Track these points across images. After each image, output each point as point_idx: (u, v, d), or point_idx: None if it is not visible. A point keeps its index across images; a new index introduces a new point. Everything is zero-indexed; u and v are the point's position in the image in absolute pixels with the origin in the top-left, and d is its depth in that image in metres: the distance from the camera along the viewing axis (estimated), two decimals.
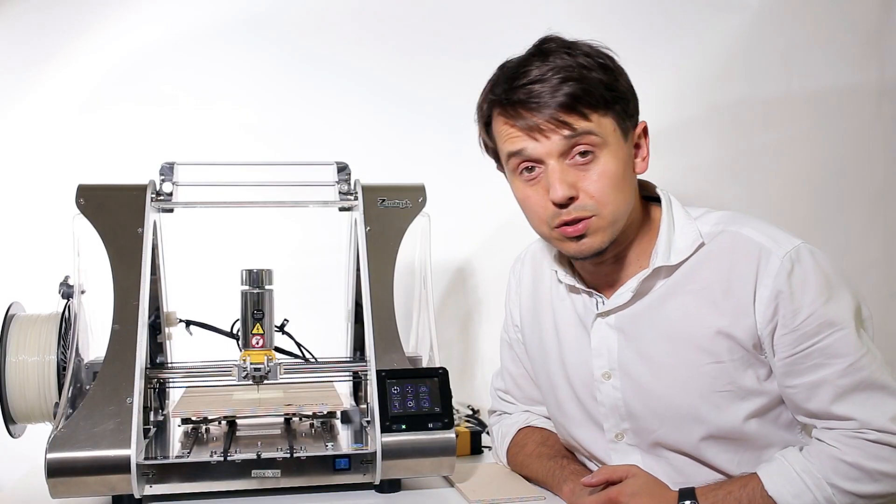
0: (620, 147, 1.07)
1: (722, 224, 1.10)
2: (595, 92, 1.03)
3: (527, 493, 1.18)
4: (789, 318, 1.03)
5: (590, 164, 1.05)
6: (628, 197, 1.09)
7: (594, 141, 1.04)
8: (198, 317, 1.37)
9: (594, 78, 1.04)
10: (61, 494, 1.08)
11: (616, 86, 1.06)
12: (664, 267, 1.10)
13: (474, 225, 1.82)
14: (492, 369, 1.82)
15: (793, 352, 1.03)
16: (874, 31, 1.82)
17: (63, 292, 1.22)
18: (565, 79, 1.03)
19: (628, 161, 1.09)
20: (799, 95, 1.82)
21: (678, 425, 1.10)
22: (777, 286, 1.03)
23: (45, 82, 1.67)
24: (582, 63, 1.04)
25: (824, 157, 1.82)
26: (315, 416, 1.30)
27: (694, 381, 1.08)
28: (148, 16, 1.70)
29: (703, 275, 1.09)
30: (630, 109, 1.08)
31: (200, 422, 1.27)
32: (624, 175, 1.07)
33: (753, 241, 1.06)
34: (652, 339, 1.11)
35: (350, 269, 1.43)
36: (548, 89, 1.03)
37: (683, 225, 1.12)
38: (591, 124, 1.04)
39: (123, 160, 1.61)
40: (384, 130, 1.78)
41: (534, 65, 1.06)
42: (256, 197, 1.34)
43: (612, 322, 1.14)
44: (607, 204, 1.06)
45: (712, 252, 1.09)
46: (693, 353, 1.08)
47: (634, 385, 1.12)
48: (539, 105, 1.03)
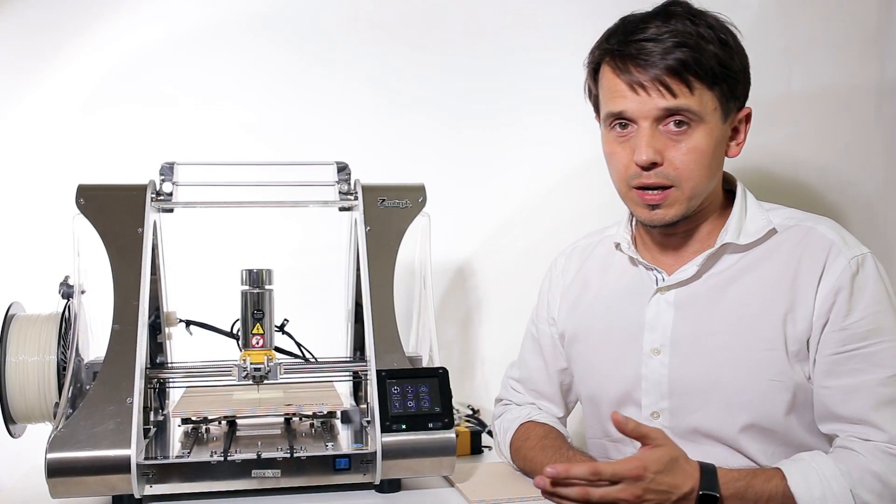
0: (717, 126, 1.08)
1: (795, 219, 1.13)
2: (706, 63, 1.04)
3: (527, 493, 1.18)
4: (841, 317, 1.04)
5: (682, 136, 1.06)
6: (712, 176, 1.10)
7: (691, 115, 1.05)
8: (198, 317, 1.37)
9: (709, 50, 1.04)
10: (61, 494, 1.08)
11: (730, 64, 1.06)
12: (731, 247, 1.12)
13: (474, 225, 1.82)
14: (492, 369, 1.83)
15: (837, 350, 1.04)
16: (874, 31, 1.82)
17: (63, 292, 1.22)
18: (680, 43, 1.04)
19: (721, 141, 1.10)
20: (799, 95, 1.82)
21: (722, 409, 1.09)
22: (839, 283, 1.05)
23: (46, 82, 1.67)
24: (701, 33, 1.05)
25: (824, 157, 1.82)
26: (315, 416, 1.30)
27: (747, 365, 1.08)
28: (148, 16, 1.70)
29: (773, 263, 1.10)
30: (737, 91, 1.09)
31: (200, 422, 1.27)
32: (713, 154, 1.08)
33: (826, 237, 1.08)
34: (710, 319, 1.11)
35: (350, 269, 1.43)
36: (660, 49, 1.04)
37: (755, 213, 1.14)
38: (693, 97, 1.05)
39: (123, 160, 1.61)
40: (384, 130, 1.78)
41: (653, 23, 1.06)
42: (256, 197, 1.34)
43: (671, 298, 1.15)
44: (689, 179, 1.07)
45: (784, 242, 1.11)
46: (751, 338, 1.08)
47: (684, 363, 1.12)
48: (648, 63, 1.05)
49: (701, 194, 1.10)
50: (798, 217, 1.13)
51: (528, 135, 1.82)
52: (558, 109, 1.80)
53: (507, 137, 1.82)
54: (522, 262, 1.83)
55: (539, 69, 1.81)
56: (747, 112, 1.13)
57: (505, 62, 1.81)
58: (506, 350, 1.84)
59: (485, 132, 1.82)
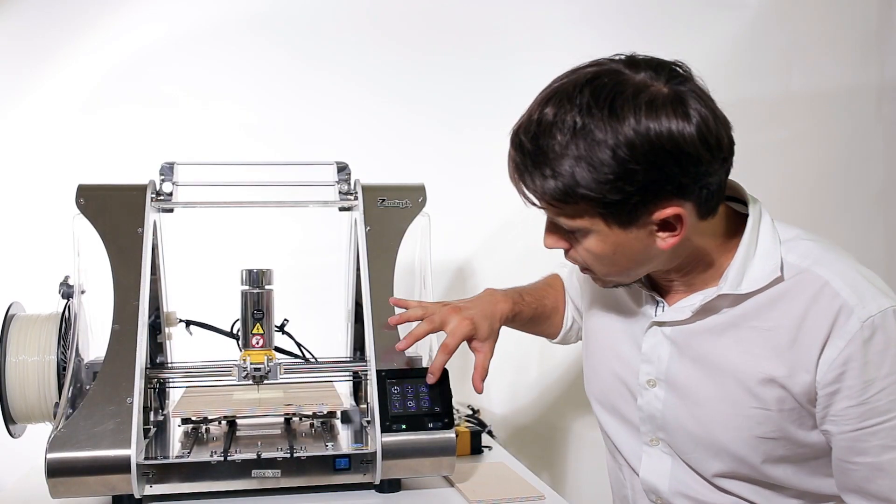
0: (612, 232, 0.96)
1: (809, 260, 0.99)
2: (563, 188, 0.92)
3: (527, 492, 1.18)
4: (859, 390, 0.94)
5: (576, 236, 1.00)
6: (624, 267, 1.01)
7: (569, 231, 0.99)
8: (198, 317, 1.37)
9: (564, 172, 0.92)
10: (61, 494, 1.08)
11: (596, 183, 0.90)
12: (732, 295, 1.01)
13: (474, 225, 1.82)
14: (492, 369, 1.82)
15: (859, 426, 0.95)
16: (874, 31, 1.82)
17: (63, 292, 1.22)
18: (536, 165, 0.94)
19: (630, 241, 0.97)
20: (799, 95, 1.82)
21: (714, 456, 1.05)
22: (850, 352, 0.93)
23: (46, 82, 1.67)
24: (557, 152, 0.92)
25: (824, 157, 1.82)
26: (315, 416, 1.30)
27: (738, 420, 1.02)
28: (148, 15, 1.70)
29: (774, 315, 0.99)
30: (629, 203, 0.92)
31: (200, 422, 1.27)
32: (615, 253, 0.98)
33: (838, 294, 0.95)
34: (705, 364, 1.04)
35: (350, 269, 1.43)
36: (526, 167, 0.95)
37: (767, 250, 1.00)
38: (562, 214, 0.96)
39: (123, 160, 1.61)
40: (384, 130, 1.78)
41: (542, 115, 0.96)
42: (256, 197, 1.34)
43: (668, 333, 1.07)
44: (594, 270, 1.04)
45: (789, 292, 0.98)
46: (741, 393, 1.01)
47: (678, 401, 1.07)
48: (519, 178, 0.98)
49: (622, 277, 1.03)
50: (814, 256, 0.99)
51: None
52: None
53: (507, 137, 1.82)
54: (522, 262, 1.83)
55: (539, 69, 1.80)
56: (671, 213, 0.93)
57: (505, 62, 1.81)
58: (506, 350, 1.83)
59: (485, 132, 1.81)
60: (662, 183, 0.91)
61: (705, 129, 0.91)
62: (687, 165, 0.91)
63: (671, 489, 1.11)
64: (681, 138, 0.90)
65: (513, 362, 1.87)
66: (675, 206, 0.93)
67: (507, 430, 1.88)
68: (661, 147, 0.89)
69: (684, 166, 0.91)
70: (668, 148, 0.90)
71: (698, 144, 0.91)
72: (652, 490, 1.13)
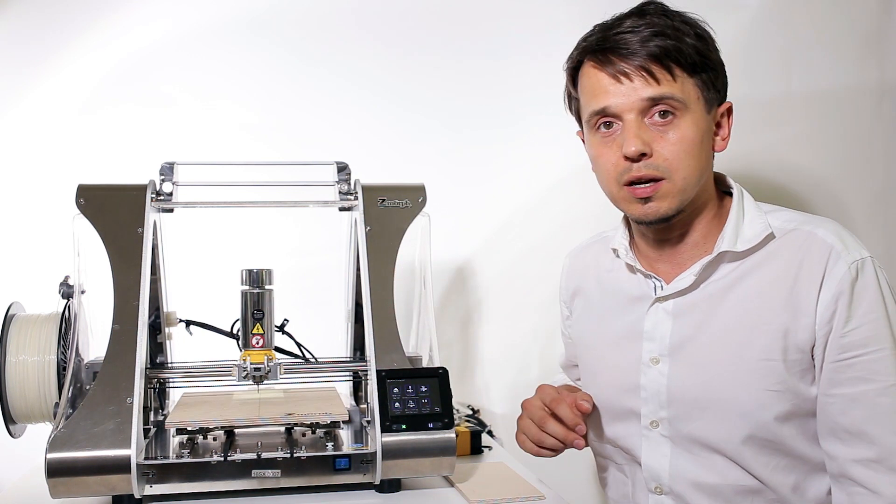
0: (702, 116, 1.07)
1: (795, 222, 1.09)
2: (686, 51, 1.05)
3: (527, 492, 1.18)
4: (841, 324, 1.02)
5: (668, 126, 1.06)
6: (702, 167, 1.08)
7: (676, 103, 1.05)
8: (198, 317, 1.37)
9: (687, 41, 1.05)
10: (61, 494, 1.08)
11: (708, 54, 1.07)
12: (729, 254, 1.09)
13: (474, 225, 1.82)
14: (492, 369, 1.83)
15: (837, 358, 1.03)
16: (874, 31, 1.82)
17: (63, 292, 1.22)
18: (658, 33, 1.05)
19: (707, 132, 1.09)
20: (799, 95, 1.82)
21: (720, 419, 1.08)
22: (840, 289, 1.02)
23: (45, 82, 1.67)
24: (677, 26, 1.06)
25: (824, 156, 1.82)
26: (318, 426, 1.28)
27: (744, 375, 1.06)
28: (148, 16, 1.70)
29: (771, 270, 1.07)
30: (718, 83, 1.09)
31: (196, 433, 1.24)
32: (701, 144, 1.07)
33: (826, 242, 1.05)
34: (708, 328, 1.10)
35: (350, 269, 1.43)
36: (639, 39, 1.05)
37: (753, 216, 1.11)
38: (676, 85, 1.05)
39: (123, 160, 1.61)
40: (384, 130, 1.78)
41: (629, 19, 1.08)
42: (256, 197, 1.34)
43: (670, 308, 1.13)
44: (679, 169, 1.06)
45: (782, 247, 1.08)
46: (748, 348, 1.06)
47: (682, 372, 1.11)
48: (629, 52, 1.05)
49: (692, 186, 1.08)
50: (798, 220, 1.10)
51: (527, 135, 1.82)
52: (558, 109, 1.79)
53: (507, 137, 1.82)
54: (522, 262, 1.83)
55: (539, 69, 1.80)
56: (728, 106, 1.12)
57: (505, 62, 1.81)
58: (506, 350, 1.85)
59: (485, 132, 1.82)
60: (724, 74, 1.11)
61: None
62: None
63: (672, 474, 1.12)
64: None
65: (513, 362, 1.88)
66: (728, 102, 1.12)
67: (507, 430, 1.88)
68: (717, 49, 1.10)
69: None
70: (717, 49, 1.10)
71: None
72: (654, 478, 1.14)
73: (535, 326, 1.83)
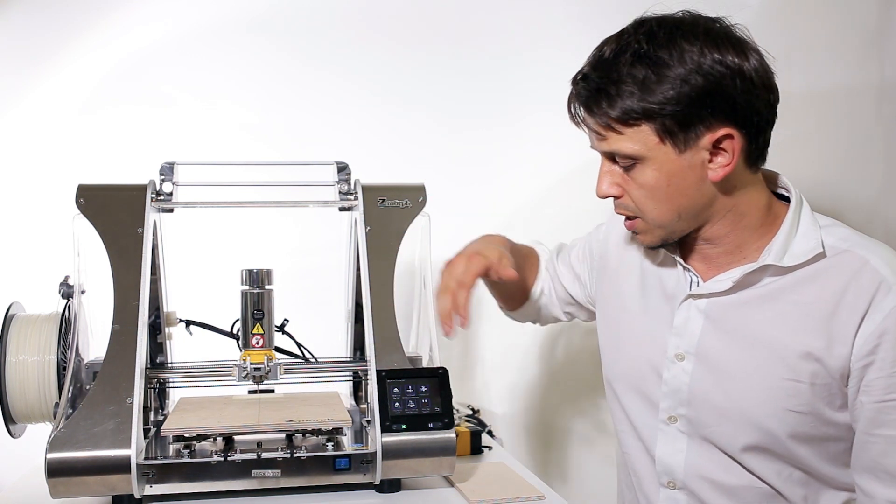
0: (668, 159, 1.01)
1: (849, 242, 1.04)
2: (630, 107, 0.99)
3: (527, 492, 1.18)
4: (890, 363, 0.98)
5: (632, 172, 1.04)
6: (676, 206, 1.04)
7: (627, 157, 1.03)
8: (198, 317, 1.37)
9: (625, 92, 0.99)
10: (61, 494, 1.08)
11: (657, 98, 0.98)
12: (774, 267, 1.05)
13: (474, 225, 1.82)
14: (492, 369, 1.83)
15: (884, 398, 0.99)
16: (874, 31, 1.82)
17: (63, 292, 1.22)
18: (598, 90, 1.01)
19: (683, 170, 1.01)
20: (799, 95, 1.82)
21: (738, 428, 1.06)
22: (885, 325, 0.98)
23: (46, 82, 1.67)
24: (620, 75, 0.99)
25: (824, 156, 1.82)
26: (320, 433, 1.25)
27: (768, 390, 1.04)
28: (148, 16, 1.70)
29: (814, 289, 1.03)
30: (691, 118, 0.98)
31: (193, 439, 1.21)
32: (668, 187, 1.02)
33: (878, 272, 0.99)
34: (739, 337, 1.07)
35: (350, 269, 1.43)
36: (585, 94, 1.03)
37: (808, 230, 1.06)
38: (623, 139, 1.01)
39: (123, 160, 1.62)
40: (384, 130, 1.78)
41: (588, 66, 1.05)
42: (256, 197, 1.34)
43: (703, 306, 1.10)
44: (647, 211, 1.06)
45: (831, 269, 1.03)
46: (775, 364, 1.04)
47: (707, 375, 1.09)
48: (579, 105, 1.06)
49: (669, 223, 1.05)
50: (853, 241, 1.04)
51: (528, 135, 1.82)
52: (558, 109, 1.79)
53: (507, 137, 1.82)
54: None
55: (539, 69, 1.81)
56: (724, 133, 1.00)
57: (505, 62, 1.81)
58: (506, 350, 1.85)
59: (485, 132, 1.82)
60: (719, 99, 0.98)
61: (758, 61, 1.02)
62: (742, 86, 0.99)
63: (687, 470, 1.12)
64: (740, 63, 0.99)
65: (513, 362, 1.88)
66: (728, 127, 1.00)
67: (507, 430, 1.88)
68: (723, 64, 0.98)
69: (739, 86, 0.99)
70: (729, 64, 0.98)
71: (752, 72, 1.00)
72: (667, 472, 1.14)
73: (535, 326, 1.83)
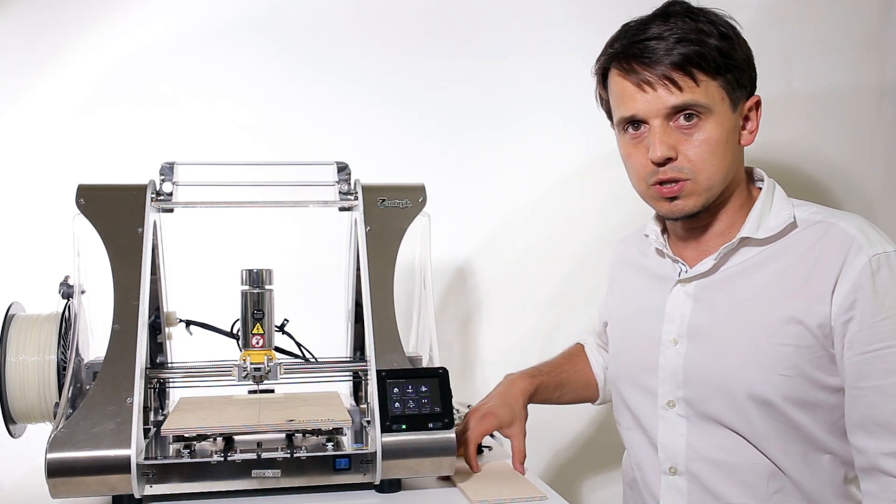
0: (727, 116, 1.09)
1: (821, 214, 1.11)
2: (709, 56, 1.06)
3: (528, 493, 1.18)
4: (868, 315, 1.03)
5: (693, 129, 1.08)
6: (727, 166, 1.11)
7: (699, 108, 1.07)
8: (198, 317, 1.37)
9: (710, 43, 1.06)
10: (61, 494, 1.08)
11: (732, 54, 1.08)
12: (751, 241, 1.12)
13: (474, 225, 1.82)
14: (492, 369, 1.83)
15: (867, 349, 1.03)
16: (874, 31, 1.82)
17: (63, 292, 1.22)
18: (682, 39, 1.06)
19: (733, 131, 1.11)
20: (799, 95, 1.82)
21: (734, 399, 1.10)
22: (859, 281, 1.03)
23: (45, 82, 1.67)
24: (702, 28, 1.07)
25: (824, 156, 1.82)
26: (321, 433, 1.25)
27: (757, 357, 1.09)
28: (148, 16, 1.70)
29: (790, 257, 1.10)
30: (743, 80, 1.10)
31: (193, 439, 1.21)
32: (726, 144, 1.09)
33: (847, 233, 1.06)
34: (724, 311, 1.13)
35: (350, 269, 1.43)
36: (663, 47, 1.07)
37: (780, 207, 1.14)
38: (699, 90, 1.06)
39: (123, 160, 1.61)
40: (384, 130, 1.78)
41: (654, 24, 1.09)
42: (256, 197, 1.34)
43: (690, 290, 1.17)
44: (703, 169, 1.09)
45: (804, 238, 1.10)
46: (760, 331, 1.09)
47: (698, 353, 1.14)
48: (652, 61, 1.07)
49: (718, 184, 1.11)
50: (825, 213, 1.12)
51: (528, 135, 1.82)
52: (558, 109, 1.80)
53: (507, 137, 1.82)
54: (522, 262, 1.83)
55: (538, 69, 1.81)
56: (756, 100, 1.14)
57: (505, 62, 1.81)
58: (506, 350, 1.85)
59: (485, 132, 1.82)
60: (754, 69, 1.12)
61: None
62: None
63: (688, 454, 1.15)
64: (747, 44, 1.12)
65: (513, 362, 1.87)
66: (756, 96, 1.13)
67: None
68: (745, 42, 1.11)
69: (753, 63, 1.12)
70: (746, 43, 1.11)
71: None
72: (669, 458, 1.17)
73: (535, 326, 1.83)
